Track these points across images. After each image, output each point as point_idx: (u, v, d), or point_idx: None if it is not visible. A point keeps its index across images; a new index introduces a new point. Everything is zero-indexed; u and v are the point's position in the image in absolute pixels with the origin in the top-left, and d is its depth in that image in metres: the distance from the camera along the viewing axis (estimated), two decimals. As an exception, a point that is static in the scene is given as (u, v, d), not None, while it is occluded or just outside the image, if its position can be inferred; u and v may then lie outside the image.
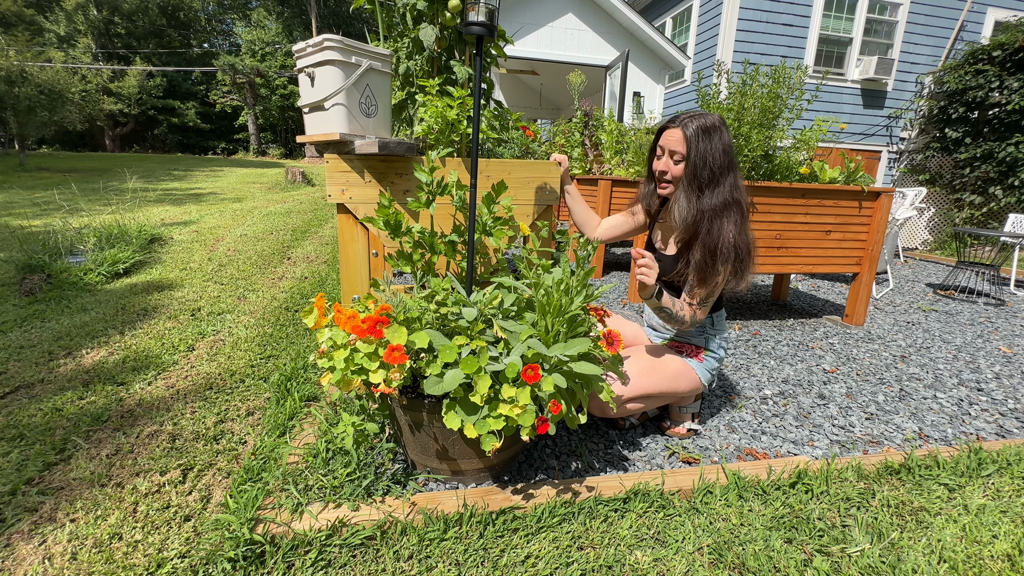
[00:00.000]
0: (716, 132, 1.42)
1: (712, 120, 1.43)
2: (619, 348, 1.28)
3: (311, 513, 1.21)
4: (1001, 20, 7.49)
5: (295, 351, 2.25)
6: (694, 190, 1.43)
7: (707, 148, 1.40)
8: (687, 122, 1.43)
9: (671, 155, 1.47)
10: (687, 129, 1.42)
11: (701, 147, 1.40)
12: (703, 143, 1.40)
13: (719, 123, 1.43)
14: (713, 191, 1.41)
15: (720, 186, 1.42)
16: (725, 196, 1.41)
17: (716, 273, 1.42)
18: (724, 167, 1.42)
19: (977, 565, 1.17)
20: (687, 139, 1.42)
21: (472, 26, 1.31)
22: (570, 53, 6.99)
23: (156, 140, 27.86)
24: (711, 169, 1.40)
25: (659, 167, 1.51)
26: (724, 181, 1.42)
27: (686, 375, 1.58)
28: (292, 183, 10.39)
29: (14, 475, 1.37)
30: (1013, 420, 1.93)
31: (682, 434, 1.69)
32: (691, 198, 1.43)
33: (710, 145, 1.40)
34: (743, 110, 2.68)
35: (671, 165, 1.48)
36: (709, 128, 1.41)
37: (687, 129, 1.42)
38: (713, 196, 1.41)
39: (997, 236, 4.24)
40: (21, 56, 11.91)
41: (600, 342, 1.28)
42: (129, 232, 4.11)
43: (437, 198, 1.54)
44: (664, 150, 1.49)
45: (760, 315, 3.26)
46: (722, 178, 1.42)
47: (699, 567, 1.13)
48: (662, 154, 1.51)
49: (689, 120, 1.43)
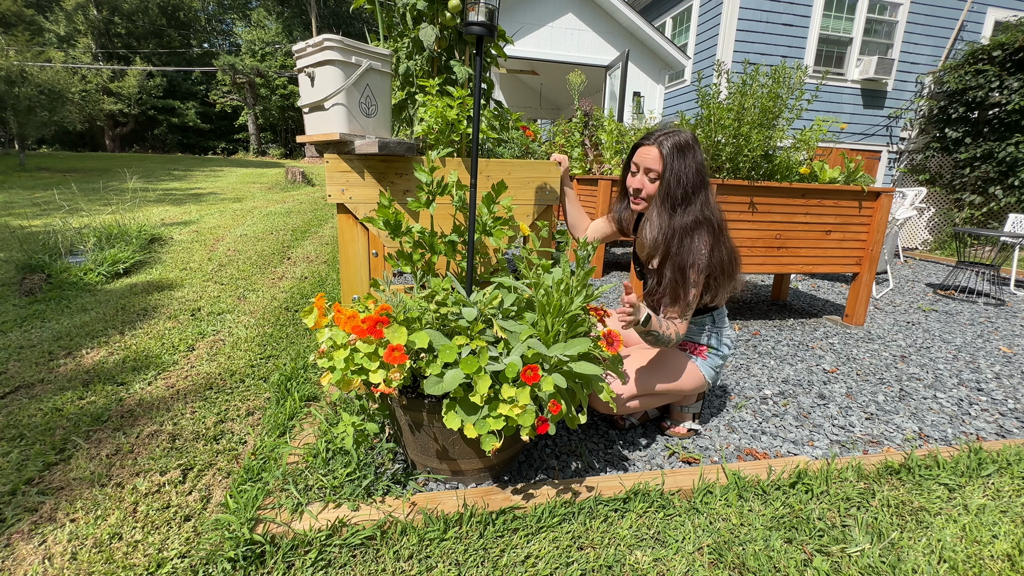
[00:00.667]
0: (690, 151, 1.42)
1: (685, 138, 1.43)
2: (619, 348, 1.28)
3: (311, 513, 1.21)
4: (1001, 20, 7.49)
5: (295, 351, 2.25)
6: (667, 208, 1.44)
7: (681, 167, 1.41)
8: (662, 140, 1.43)
9: (646, 173, 1.47)
10: (663, 147, 1.42)
11: (676, 166, 1.41)
12: (678, 162, 1.41)
13: (692, 141, 1.44)
14: (685, 209, 1.42)
15: (692, 204, 1.42)
16: (696, 214, 1.42)
17: (688, 290, 1.42)
18: (696, 186, 1.42)
19: (977, 565, 1.17)
20: (663, 157, 1.42)
21: (472, 26, 1.31)
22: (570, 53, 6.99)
23: (156, 140, 27.86)
24: (684, 188, 1.41)
25: (633, 184, 1.51)
26: (696, 199, 1.43)
27: (690, 372, 1.58)
28: (292, 183, 10.40)
29: (14, 475, 1.37)
30: (1013, 420, 1.93)
31: (682, 434, 1.69)
32: (663, 216, 1.44)
33: (684, 164, 1.41)
34: (743, 110, 2.68)
35: (646, 183, 1.48)
36: (683, 146, 1.42)
37: (663, 147, 1.42)
38: (685, 215, 1.42)
39: (997, 236, 4.24)
40: (21, 56, 11.90)
41: (600, 342, 1.28)
42: (129, 232, 4.11)
43: (437, 198, 1.54)
44: (639, 167, 1.49)
45: (760, 315, 3.26)
46: (694, 196, 1.43)
47: (699, 567, 1.13)
48: (636, 171, 1.50)
49: (664, 138, 1.43)
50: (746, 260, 2.73)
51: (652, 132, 1.48)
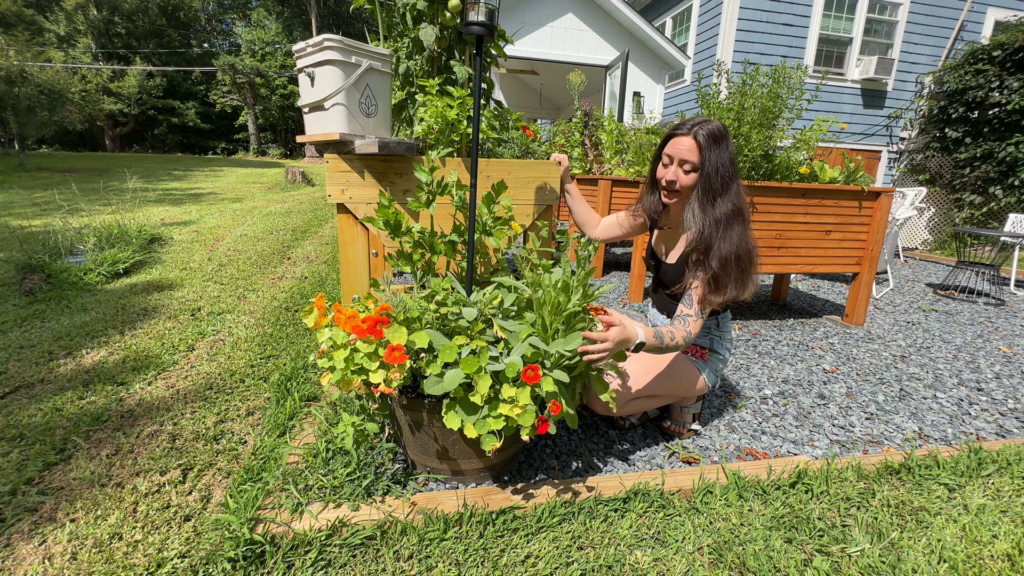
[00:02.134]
0: (724, 140, 1.39)
1: (719, 127, 1.40)
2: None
3: (311, 513, 1.21)
4: (1001, 20, 7.49)
5: (295, 351, 2.25)
6: (708, 200, 1.39)
7: (719, 158, 1.37)
8: (697, 130, 1.38)
9: (680, 164, 1.42)
10: (699, 137, 1.38)
11: (713, 157, 1.37)
12: (715, 153, 1.37)
13: (724, 130, 1.40)
14: (725, 200, 1.39)
15: (729, 194, 1.39)
16: (734, 203, 1.39)
17: (730, 281, 1.39)
18: (732, 175, 1.40)
19: (977, 565, 1.17)
20: (700, 148, 1.38)
21: (472, 26, 1.31)
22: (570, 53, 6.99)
23: (156, 140, 27.86)
24: (723, 178, 1.38)
25: (667, 176, 1.45)
26: (732, 189, 1.40)
27: (691, 375, 1.58)
28: (292, 183, 10.39)
29: (14, 475, 1.37)
30: (1013, 420, 1.92)
31: (683, 434, 1.69)
32: (706, 209, 1.39)
33: (721, 154, 1.38)
34: (743, 110, 2.68)
35: (680, 175, 1.43)
36: (719, 136, 1.38)
37: (699, 137, 1.38)
38: (724, 204, 1.38)
39: (997, 236, 4.24)
40: (21, 56, 11.88)
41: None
42: (129, 232, 4.11)
43: (437, 198, 1.54)
44: (673, 159, 1.43)
45: (760, 315, 3.26)
46: (731, 185, 1.39)
47: (699, 567, 1.13)
48: (670, 162, 1.45)
49: (698, 128, 1.39)
50: (746, 260, 2.73)
51: (685, 122, 1.43)
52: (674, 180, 1.44)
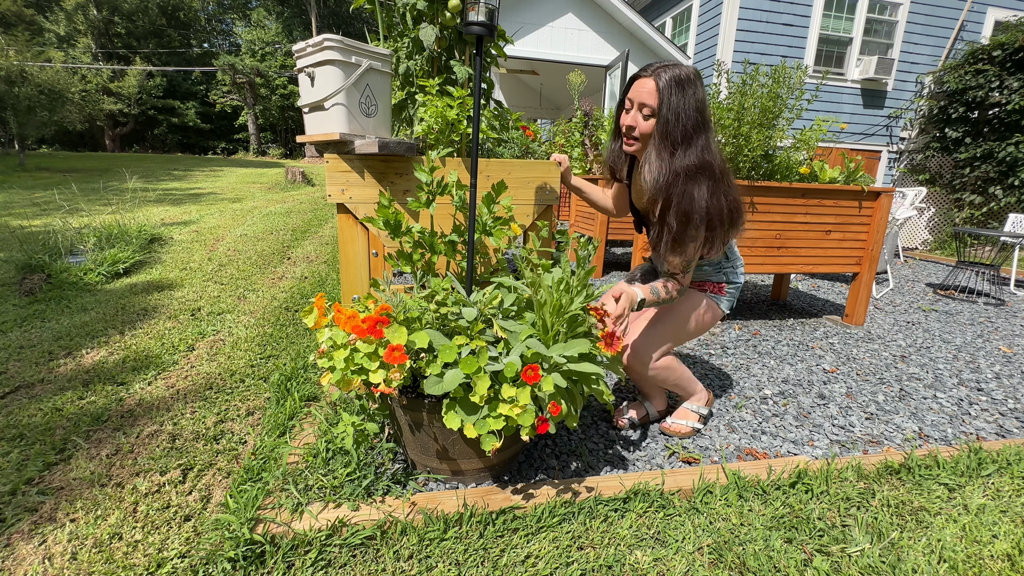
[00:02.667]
0: (690, 86, 1.29)
1: (687, 72, 1.29)
2: (619, 348, 1.28)
3: (311, 513, 1.21)
4: (1001, 20, 7.49)
5: (295, 351, 2.25)
6: (666, 148, 1.31)
7: (680, 103, 1.28)
8: (660, 72, 1.29)
9: (640, 108, 1.34)
10: (659, 79, 1.28)
11: (674, 101, 1.28)
12: (676, 97, 1.28)
13: (694, 76, 1.30)
14: (685, 151, 1.30)
15: (692, 146, 1.30)
16: (697, 157, 1.30)
17: (687, 243, 1.33)
18: (697, 125, 1.30)
19: (977, 565, 1.17)
20: (659, 91, 1.29)
21: (472, 26, 1.31)
22: (570, 53, 6.99)
23: (156, 140, 27.86)
24: (684, 127, 1.29)
25: (626, 121, 1.38)
26: (696, 141, 1.31)
27: (707, 307, 1.56)
28: (292, 183, 10.39)
29: (14, 475, 1.37)
30: (1013, 420, 1.92)
31: (684, 433, 1.69)
32: (663, 157, 1.32)
33: (683, 100, 1.28)
34: (743, 110, 2.68)
35: (639, 120, 1.35)
36: (683, 80, 1.28)
37: (659, 79, 1.28)
38: (685, 157, 1.30)
39: (997, 236, 4.24)
40: (21, 56, 11.88)
41: (599, 343, 1.28)
42: (129, 232, 4.11)
43: (437, 198, 1.54)
44: (633, 103, 1.35)
45: (760, 315, 3.26)
46: (695, 137, 1.30)
47: (699, 567, 1.13)
48: (631, 107, 1.36)
49: (662, 70, 1.29)
50: (746, 260, 2.73)
51: (650, 64, 1.34)
52: (633, 126, 1.37)
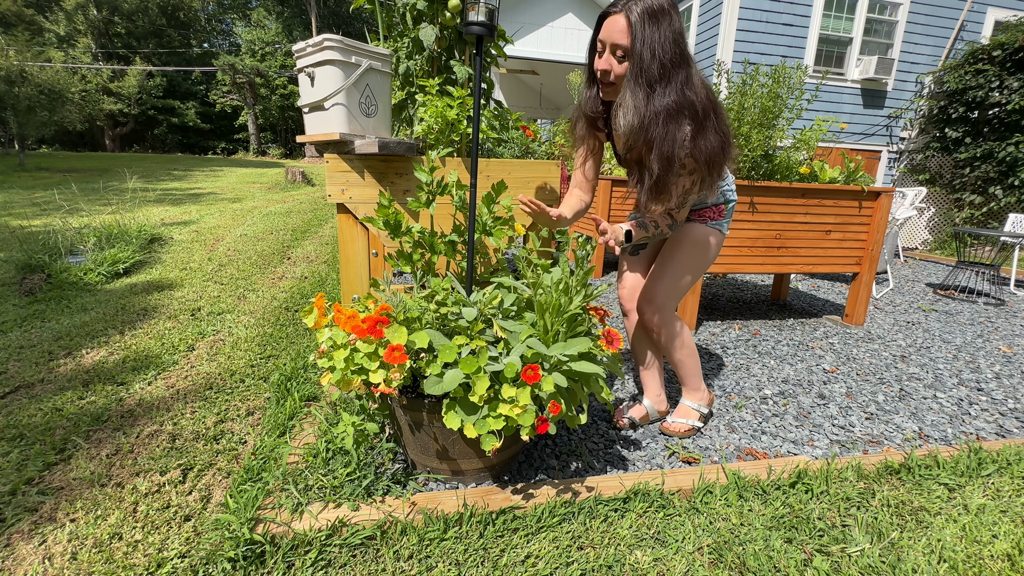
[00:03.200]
0: (665, 17, 1.19)
1: (659, 4, 1.19)
2: (619, 346, 1.28)
3: (311, 513, 1.21)
4: (1001, 20, 7.49)
5: (295, 351, 2.25)
6: (641, 87, 1.22)
7: (655, 37, 1.18)
8: (631, 5, 1.19)
9: (613, 50, 1.24)
10: (631, 14, 1.19)
11: (648, 36, 1.18)
12: (650, 30, 1.18)
13: (668, 5, 1.20)
14: (664, 89, 1.21)
15: (671, 83, 1.21)
16: (678, 94, 1.21)
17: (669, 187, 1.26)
18: (675, 59, 1.20)
19: (977, 565, 1.17)
20: (631, 27, 1.19)
21: (472, 26, 1.31)
22: (570, 53, 6.99)
23: (156, 140, 27.86)
24: (660, 62, 1.19)
25: (600, 66, 1.27)
26: (675, 77, 1.21)
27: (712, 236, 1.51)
28: (292, 183, 10.40)
29: (14, 475, 1.37)
30: (1013, 420, 1.92)
31: (683, 432, 1.69)
32: (638, 98, 1.22)
33: (658, 34, 1.18)
34: (743, 110, 2.68)
35: (614, 63, 1.25)
36: (657, 12, 1.18)
37: (631, 14, 1.19)
38: (664, 95, 1.21)
39: (997, 236, 4.24)
40: (21, 56, 11.88)
41: (600, 341, 1.28)
42: (129, 232, 4.11)
43: (437, 198, 1.54)
44: (605, 45, 1.25)
45: (760, 315, 3.26)
46: (674, 73, 1.21)
47: (699, 567, 1.13)
48: (603, 50, 1.27)
49: (633, 3, 1.19)
50: (746, 260, 2.73)
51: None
52: (608, 70, 1.27)
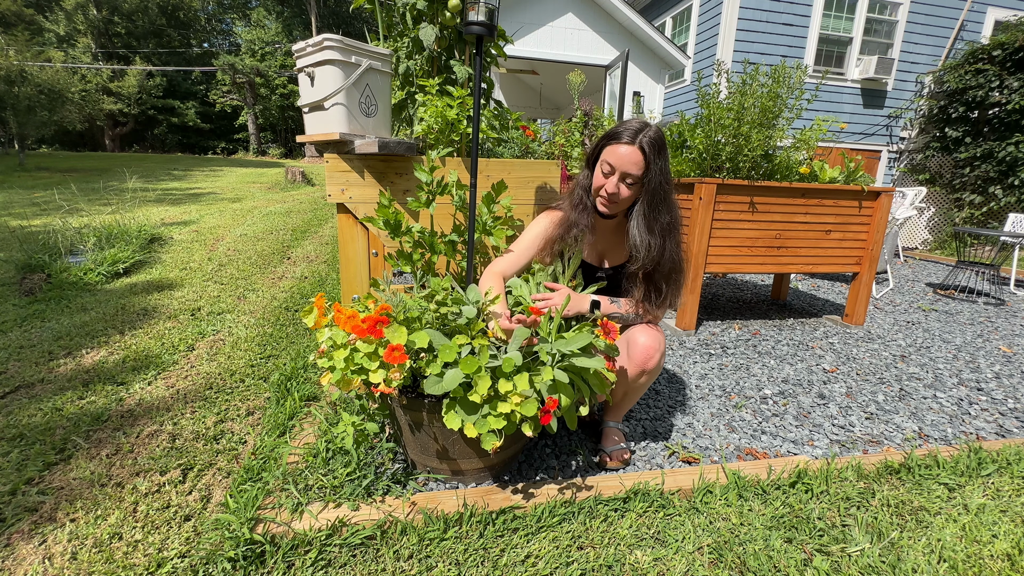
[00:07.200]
0: (665, 148, 1.33)
1: (660, 134, 1.32)
2: (615, 337, 1.28)
3: (311, 513, 1.21)
4: (1001, 20, 7.49)
5: (295, 351, 2.25)
6: (654, 215, 1.35)
7: (662, 168, 1.32)
8: (642, 139, 1.29)
9: (623, 178, 1.33)
10: (644, 149, 1.29)
11: (657, 168, 1.31)
12: (658, 163, 1.31)
13: (663, 134, 1.33)
14: (667, 211, 1.36)
15: (669, 203, 1.37)
16: (671, 213, 1.38)
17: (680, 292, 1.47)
18: (670, 182, 1.36)
19: (977, 564, 1.17)
20: (646, 161, 1.30)
21: (472, 26, 1.31)
22: (570, 53, 6.98)
23: (156, 140, 27.84)
24: (664, 190, 1.35)
25: (608, 187, 1.35)
26: (671, 197, 1.37)
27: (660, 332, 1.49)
28: (292, 183, 10.39)
29: (14, 475, 1.37)
30: (1013, 420, 1.93)
31: (627, 459, 1.50)
32: (652, 224, 1.36)
33: (664, 164, 1.32)
34: (743, 110, 2.68)
35: (623, 188, 1.34)
36: (662, 145, 1.31)
37: (644, 149, 1.29)
38: (667, 215, 1.37)
39: (997, 236, 4.24)
40: (21, 56, 11.87)
41: (597, 330, 1.28)
42: (129, 232, 4.11)
43: (437, 198, 1.54)
44: (615, 169, 1.32)
45: (760, 315, 3.26)
46: (671, 194, 1.37)
47: (699, 567, 1.13)
48: (610, 172, 1.34)
49: (642, 136, 1.29)
50: (746, 260, 2.73)
51: (627, 128, 1.31)
52: (615, 192, 1.35)
